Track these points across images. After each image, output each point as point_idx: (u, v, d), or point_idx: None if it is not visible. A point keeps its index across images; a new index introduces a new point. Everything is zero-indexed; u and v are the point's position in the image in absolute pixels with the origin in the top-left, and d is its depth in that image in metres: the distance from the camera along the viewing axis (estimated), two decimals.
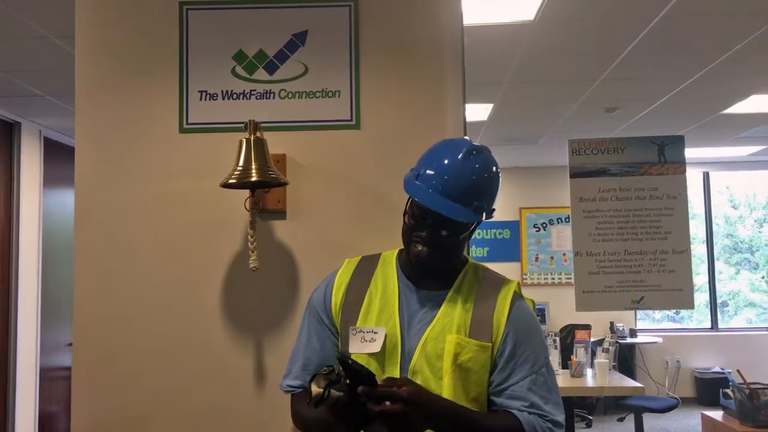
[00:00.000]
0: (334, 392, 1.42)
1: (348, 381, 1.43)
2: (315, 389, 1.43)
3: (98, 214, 2.12)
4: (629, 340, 7.93)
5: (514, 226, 8.56)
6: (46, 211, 5.53)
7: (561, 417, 1.61)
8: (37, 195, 5.46)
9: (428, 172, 1.61)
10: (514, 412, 1.58)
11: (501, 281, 1.71)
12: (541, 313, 8.03)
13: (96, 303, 2.10)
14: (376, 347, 1.62)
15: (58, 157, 5.68)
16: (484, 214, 1.64)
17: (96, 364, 2.08)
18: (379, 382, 1.46)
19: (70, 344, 2.13)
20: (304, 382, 1.69)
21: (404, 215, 1.66)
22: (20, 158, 5.28)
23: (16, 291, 5.16)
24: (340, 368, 1.45)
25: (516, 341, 1.62)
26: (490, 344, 1.61)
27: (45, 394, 5.46)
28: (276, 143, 2.05)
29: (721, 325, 8.58)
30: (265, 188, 2.04)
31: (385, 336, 1.62)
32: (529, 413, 1.57)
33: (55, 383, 5.58)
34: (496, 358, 1.62)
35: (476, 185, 1.61)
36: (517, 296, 1.68)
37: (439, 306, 1.65)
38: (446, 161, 1.61)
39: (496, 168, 1.66)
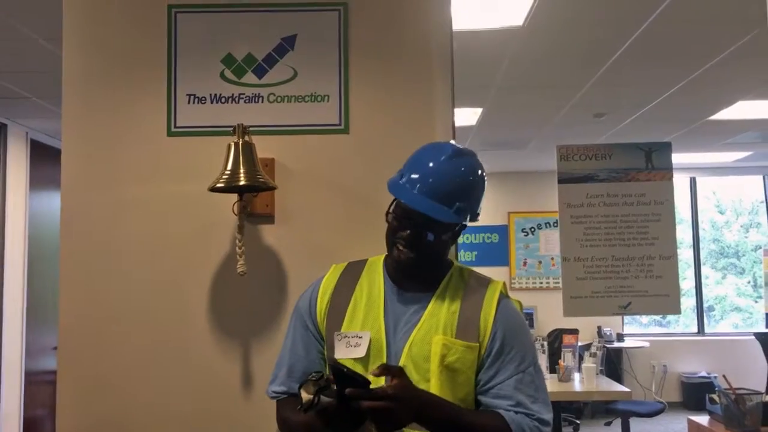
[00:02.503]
0: (324, 398, 1.42)
1: (337, 387, 1.43)
2: (305, 395, 1.43)
3: (85, 217, 2.11)
4: (616, 344, 7.96)
5: (502, 231, 8.58)
6: (32, 213, 5.50)
7: (548, 416, 1.60)
8: (23, 197, 5.43)
9: (412, 172, 1.63)
10: (501, 412, 1.58)
11: (487, 282, 1.71)
12: (529, 317, 8.04)
13: (82, 306, 2.08)
14: (361, 352, 1.62)
15: (45, 159, 5.65)
16: (469, 217, 1.65)
17: (82, 368, 2.07)
18: (371, 378, 1.47)
19: (56, 347, 2.11)
20: (290, 388, 1.69)
21: (386, 215, 1.66)
22: (6, 160, 5.25)
23: (1, 293, 5.13)
24: (329, 374, 1.45)
25: (503, 340, 1.62)
26: (477, 344, 1.61)
27: (30, 397, 5.42)
28: (264, 147, 2.05)
29: (707, 330, 8.63)
30: (253, 192, 2.04)
31: (370, 340, 1.62)
32: (516, 412, 1.57)
33: (40, 387, 5.53)
34: (483, 357, 1.62)
35: (459, 187, 1.62)
36: (503, 296, 1.68)
37: (425, 308, 1.65)
38: (431, 163, 1.63)
39: (482, 171, 1.67)
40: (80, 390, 2.06)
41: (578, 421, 7.17)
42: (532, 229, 8.57)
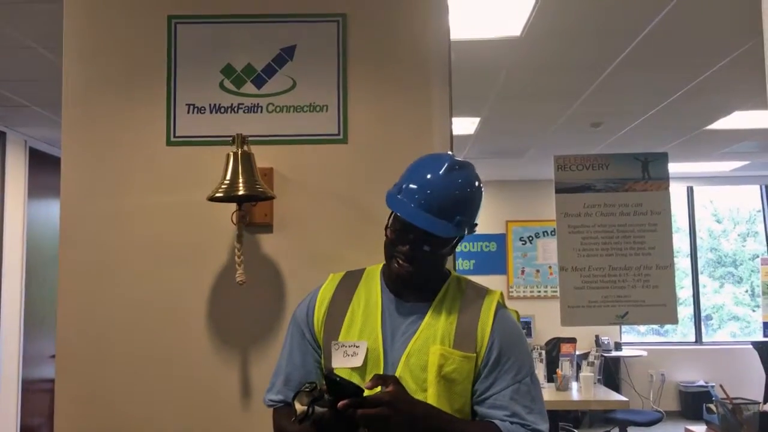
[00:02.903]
0: (318, 409, 1.43)
1: (330, 396, 1.43)
2: (299, 407, 1.44)
3: (84, 226, 2.11)
4: (614, 353, 7.96)
5: (500, 239, 8.59)
6: (31, 221, 5.49)
7: (544, 426, 1.60)
8: (21, 205, 5.43)
9: (411, 186, 1.62)
10: (496, 422, 1.58)
11: (484, 292, 1.72)
12: (527, 326, 8.04)
13: (80, 315, 2.09)
14: (358, 361, 1.62)
15: (44, 168, 5.66)
16: (466, 230, 1.65)
17: (79, 377, 2.07)
18: (365, 388, 1.47)
19: (53, 356, 2.11)
20: (286, 397, 1.69)
21: (386, 229, 1.67)
22: (5, 168, 5.25)
23: None
24: (323, 384, 1.46)
25: (500, 350, 1.62)
26: (474, 354, 1.62)
27: (27, 406, 5.40)
28: (263, 157, 2.06)
29: (705, 339, 8.63)
30: (252, 202, 2.04)
31: (367, 349, 1.63)
32: (511, 423, 1.57)
33: (37, 395, 5.52)
34: (480, 367, 1.62)
35: (458, 200, 1.62)
36: (501, 306, 1.69)
37: (423, 318, 1.65)
38: (429, 176, 1.63)
39: (479, 183, 1.68)
40: (78, 401, 2.06)
41: (576, 431, 7.16)
42: (530, 238, 8.58)
